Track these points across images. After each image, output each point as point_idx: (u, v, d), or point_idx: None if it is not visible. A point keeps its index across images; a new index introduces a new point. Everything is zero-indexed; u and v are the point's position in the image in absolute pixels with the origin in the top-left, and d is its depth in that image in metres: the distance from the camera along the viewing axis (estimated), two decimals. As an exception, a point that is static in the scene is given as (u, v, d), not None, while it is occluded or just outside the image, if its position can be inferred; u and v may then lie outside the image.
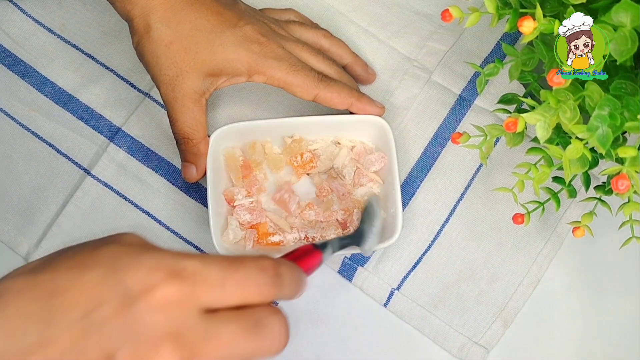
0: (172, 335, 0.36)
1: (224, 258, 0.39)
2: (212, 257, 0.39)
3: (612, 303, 0.65)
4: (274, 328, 0.40)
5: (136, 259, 0.38)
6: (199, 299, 0.37)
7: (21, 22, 0.69)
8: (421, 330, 0.65)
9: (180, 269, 0.37)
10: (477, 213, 0.66)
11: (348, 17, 0.70)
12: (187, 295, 0.37)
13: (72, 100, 0.68)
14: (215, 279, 0.38)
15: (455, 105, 0.68)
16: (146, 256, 0.38)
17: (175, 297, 0.37)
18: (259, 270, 0.40)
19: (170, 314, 0.37)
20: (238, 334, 0.38)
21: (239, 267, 0.39)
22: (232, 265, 0.39)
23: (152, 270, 0.37)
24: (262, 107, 0.68)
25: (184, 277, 0.37)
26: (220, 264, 0.39)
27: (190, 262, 0.38)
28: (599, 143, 0.46)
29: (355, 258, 0.65)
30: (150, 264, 0.37)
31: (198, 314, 0.37)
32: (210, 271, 0.38)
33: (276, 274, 0.40)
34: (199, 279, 0.38)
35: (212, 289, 0.38)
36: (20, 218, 0.66)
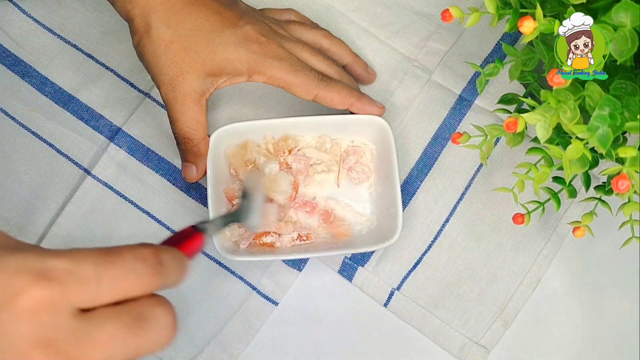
0: (43, 343, 0.34)
1: (98, 251, 0.36)
2: (85, 251, 0.36)
3: (612, 303, 0.65)
4: (159, 320, 0.37)
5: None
6: (72, 300, 0.35)
7: (21, 22, 0.69)
8: (421, 330, 0.65)
9: (47, 269, 0.34)
10: (477, 213, 0.66)
11: (348, 17, 0.70)
12: (57, 297, 0.34)
13: (72, 100, 0.68)
14: (89, 275, 0.35)
15: (455, 105, 0.68)
16: (8, 259, 0.35)
17: (43, 300, 0.34)
18: (138, 260, 0.37)
19: (39, 320, 0.34)
20: (118, 331, 0.35)
21: (116, 260, 0.36)
22: (108, 258, 0.36)
23: (14, 275, 0.34)
24: (262, 107, 0.68)
25: (51, 278, 0.34)
26: (94, 258, 0.36)
27: (59, 260, 0.35)
28: (599, 143, 0.46)
29: (356, 258, 0.65)
30: (12, 267, 0.34)
31: (71, 315, 0.35)
32: (82, 268, 0.35)
33: (157, 261, 0.38)
34: (70, 278, 0.35)
35: (86, 287, 0.35)
36: (20, 218, 0.66)
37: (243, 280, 0.65)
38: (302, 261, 0.65)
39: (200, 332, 0.64)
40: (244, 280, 0.65)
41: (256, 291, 0.65)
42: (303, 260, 0.65)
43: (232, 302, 0.65)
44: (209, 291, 0.65)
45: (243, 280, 0.65)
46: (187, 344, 0.64)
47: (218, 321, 0.64)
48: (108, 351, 0.35)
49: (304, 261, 0.65)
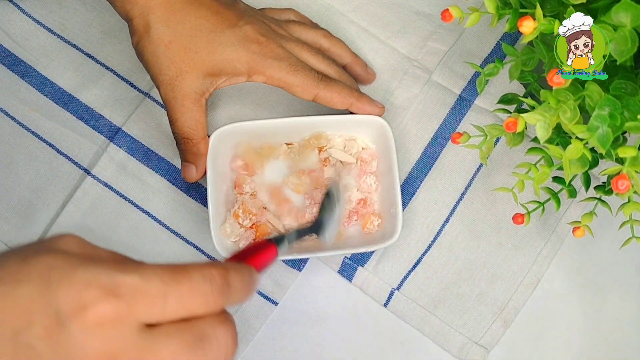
0: (108, 355, 0.35)
1: (167, 269, 0.37)
2: (154, 268, 0.37)
3: (612, 303, 0.65)
4: (220, 340, 0.38)
5: (69, 274, 0.35)
6: (137, 316, 0.36)
7: (21, 22, 0.69)
8: (421, 330, 0.65)
9: (116, 285, 0.35)
10: (477, 213, 0.66)
11: (348, 17, 0.70)
12: (124, 313, 0.35)
13: (72, 100, 0.68)
14: (156, 293, 0.36)
15: (455, 105, 0.68)
16: (80, 271, 0.36)
17: (110, 316, 0.35)
18: (205, 280, 0.38)
19: (105, 334, 0.35)
20: (180, 349, 0.36)
21: (183, 279, 0.37)
22: (176, 276, 0.37)
23: (85, 288, 0.35)
24: (262, 107, 0.68)
25: (120, 294, 0.35)
26: (162, 276, 0.37)
27: (128, 277, 0.36)
28: (599, 143, 0.46)
29: (356, 258, 0.65)
30: (83, 280, 0.35)
31: (136, 331, 0.36)
32: (150, 285, 0.36)
33: (224, 282, 0.38)
34: (138, 294, 0.36)
35: (152, 304, 0.36)
36: (20, 218, 0.66)
37: (243, 280, 0.65)
38: (302, 261, 0.65)
39: (200, 332, 0.64)
40: (244, 280, 0.65)
41: (256, 291, 0.65)
42: (303, 260, 0.65)
43: (232, 302, 0.65)
44: (209, 291, 0.65)
45: (243, 280, 0.65)
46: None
47: (218, 321, 0.64)
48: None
49: (304, 261, 0.65)
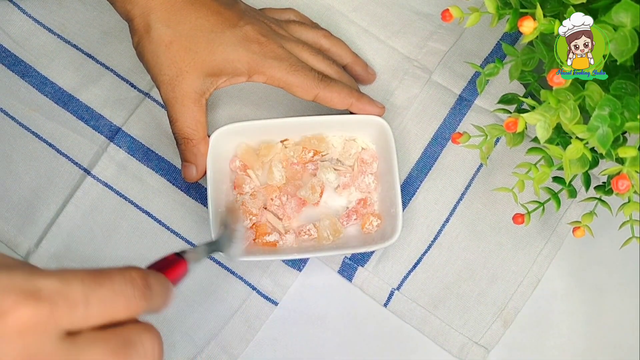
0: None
1: (87, 272, 0.36)
2: (74, 272, 0.36)
3: (612, 303, 0.65)
4: (145, 346, 0.37)
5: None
6: (59, 322, 0.34)
7: (21, 22, 0.69)
8: (421, 330, 0.65)
9: (36, 289, 0.34)
10: (477, 213, 0.66)
11: (348, 17, 0.70)
12: (44, 318, 0.34)
13: (72, 100, 0.68)
14: (78, 296, 0.35)
15: (455, 105, 0.68)
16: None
17: (30, 321, 0.34)
18: (127, 282, 0.37)
19: (25, 342, 0.34)
20: (105, 357, 0.35)
21: (104, 282, 0.36)
22: (97, 279, 0.36)
23: (1, 294, 0.34)
24: (262, 107, 0.68)
25: (39, 298, 0.34)
26: (83, 279, 0.35)
27: (48, 281, 0.34)
28: (599, 143, 0.46)
29: (356, 258, 0.65)
30: (0, 287, 0.34)
31: (58, 338, 0.34)
32: (71, 288, 0.35)
33: (145, 285, 0.37)
34: (58, 298, 0.34)
35: (74, 308, 0.35)
36: (20, 218, 0.66)
37: (243, 280, 0.65)
38: (302, 261, 0.65)
39: (200, 332, 0.64)
40: (243, 280, 0.65)
41: (256, 291, 0.65)
42: (303, 260, 0.65)
43: (232, 302, 0.65)
44: (209, 291, 0.65)
45: (243, 280, 0.65)
46: (187, 344, 0.64)
47: (218, 321, 0.64)
48: None
49: (304, 261, 0.65)
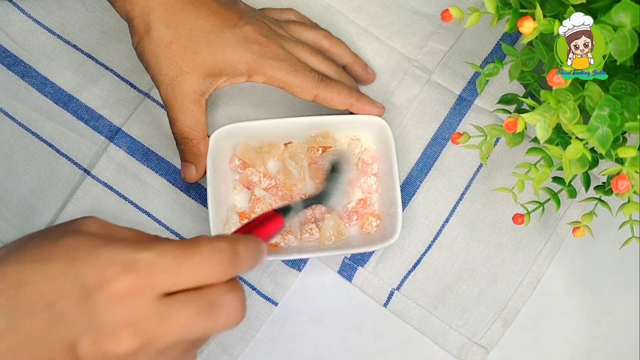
0: (130, 323, 0.40)
1: (179, 244, 0.42)
2: (167, 244, 0.41)
3: (612, 303, 0.65)
4: (230, 306, 0.43)
5: (93, 253, 0.41)
6: (155, 287, 0.40)
7: (21, 22, 0.69)
8: (421, 330, 0.65)
9: (134, 261, 0.40)
10: (477, 213, 0.66)
11: (348, 17, 0.70)
12: (142, 285, 0.40)
13: (72, 100, 0.68)
14: (170, 267, 0.41)
15: (455, 105, 0.68)
16: (102, 250, 0.41)
17: (131, 288, 0.40)
18: (214, 253, 0.42)
19: (127, 304, 0.40)
20: (194, 314, 0.41)
21: (194, 253, 0.41)
22: (187, 251, 0.41)
23: (108, 265, 0.40)
24: (262, 107, 0.68)
25: (138, 269, 0.40)
26: (175, 251, 0.41)
27: (145, 254, 0.41)
28: (599, 143, 0.46)
29: (356, 258, 0.65)
30: (106, 258, 0.40)
31: (155, 300, 0.40)
32: (164, 261, 0.41)
33: (232, 253, 0.42)
34: (153, 269, 0.40)
35: (167, 277, 0.41)
36: (20, 218, 0.66)
37: (243, 280, 0.65)
38: (302, 261, 0.65)
39: (200, 332, 0.64)
40: (243, 280, 0.65)
41: (256, 291, 0.65)
42: (303, 260, 0.65)
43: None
44: (209, 291, 0.65)
45: (243, 281, 0.65)
46: (187, 344, 0.64)
47: (218, 321, 0.64)
48: (183, 331, 0.41)
49: (304, 261, 0.65)
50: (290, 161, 0.64)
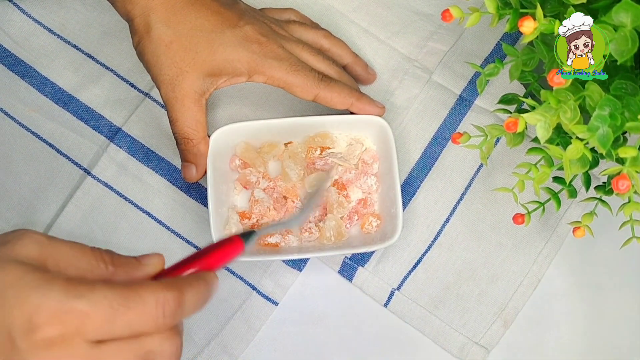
0: None
1: (120, 291, 0.39)
2: (106, 290, 0.39)
3: (612, 303, 0.65)
4: (165, 354, 0.40)
5: (22, 296, 0.38)
6: (86, 335, 0.38)
7: (21, 22, 0.69)
8: (421, 330, 0.65)
9: (65, 311, 0.38)
10: (477, 213, 0.66)
11: (348, 17, 0.70)
12: (72, 334, 0.38)
13: (72, 100, 0.68)
14: (105, 317, 0.38)
15: (455, 105, 0.68)
16: (32, 293, 0.38)
17: (59, 336, 0.38)
18: (158, 305, 0.39)
19: (55, 352, 0.38)
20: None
21: (133, 304, 0.39)
22: (126, 301, 0.39)
23: (36, 312, 0.38)
24: (262, 107, 0.68)
25: (66, 320, 0.38)
26: (112, 300, 0.38)
27: (79, 302, 0.38)
28: (600, 143, 0.46)
29: (356, 258, 0.65)
30: (35, 304, 0.38)
31: (85, 347, 0.38)
32: (99, 310, 0.38)
33: (177, 304, 0.40)
34: (86, 319, 0.38)
35: (100, 326, 0.38)
36: (20, 218, 0.66)
37: (243, 280, 0.65)
38: (302, 261, 0.65)
39: (200, 332, 0.64)
40: (244, 280, 0.65)
41: (256, 291, 0.65)
42: (303, 260, 0.65)
43: (232, 302, 0.65)
44: (209, 291, 0.65)
45: (243, 280, 0.65)
46: (187, 344, 0.64)
47: (218, 321, 0.64)
48: None
49: (304, 261, 0.65)
50: (289, 162, 0.64)
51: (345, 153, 0.65)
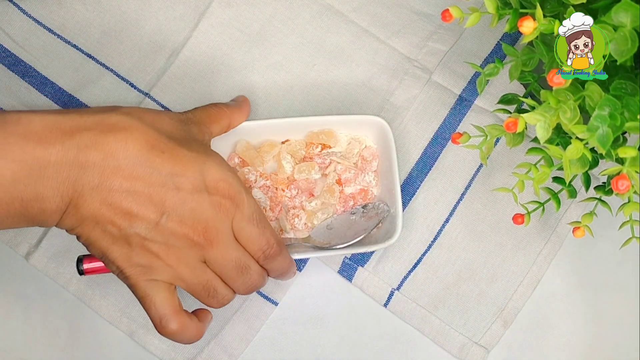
0: (201, 225, 0.52)
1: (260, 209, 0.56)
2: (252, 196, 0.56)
3: (612, 303, 0.65)
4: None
5: (214, 164, 0.53)
6: (234, 216, 0.54)
7: (21, 22, 0.69)
8: (421, 330, 0.65)
9: (238, 191, 0.54)
10: (477, 213, 0.66)
11: (348, 17, 0.70)
12: (231, 209, 0.53)
13: (72, 100, 0.68)
14: (252, 208, 0.55)
15: (455, 105, 0.68)
16: (222, 167, 0.54)
17: (225, 205, 0.53)
18: (270, 241, 0.56)
19: (215, 213, 0.53)
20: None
21: (266, 224, 0.56)
22: (264, 220, 0.56)
23: (220, 181, 0.53)
24: (262, 107, 0.68)
25: (236, 199, 0.53)
26: (257, 208, 0.55)
27: (245, 192, 0.54)
28: (599, 143, 0.46)
29: (356, 258, 0.65)
30: (221, 176, 0.53)
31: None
32: (252, 201, 0.55)
33: (278, 253, 0.57)
34: (241, 205, 0.54)
35: (242, 216, 0.55)
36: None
37: (243, 280, 0.65)
38: (302, 261, 0.65)
39: (200, 332, 0.64)
40: (244, 280, 0.65)
41: (256, 291, 0.65)
42: (303, 260, 0.65)
43: (232, 302, 0.65)
44: (209, 291, 0.65)
45: (243, 280, 0.65)
46: (187, 344, 0.64)
47: (218, 321, 0.64)
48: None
49: (304, 261, 0.65)
50: (286, 155, 0.64)
51: (345, 151, 0.65)
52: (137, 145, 0.51)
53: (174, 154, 0.52)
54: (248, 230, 0.54)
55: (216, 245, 0.53)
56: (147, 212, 0.51)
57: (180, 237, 0.52)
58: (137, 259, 0.52)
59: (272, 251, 0.56)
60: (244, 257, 0.55)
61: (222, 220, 0.53)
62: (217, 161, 0.54)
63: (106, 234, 0.51)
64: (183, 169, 0.52)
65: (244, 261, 0.55)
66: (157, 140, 0.52)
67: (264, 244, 0.55)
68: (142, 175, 0.51)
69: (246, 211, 0.54)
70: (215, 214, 0.53)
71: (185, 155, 0.53)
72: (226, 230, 0.53)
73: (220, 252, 0.53)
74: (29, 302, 0.64)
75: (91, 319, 0.64)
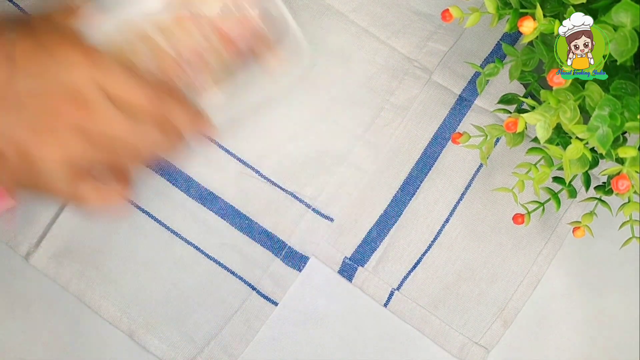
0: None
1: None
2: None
3: (612, 303, 0.65)
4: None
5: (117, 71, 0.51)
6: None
7: (21, 22, 0.69)
8: (421, 330, 0.65)
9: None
10: (477, 213, 0.66)
11: (348, 17, 0.70)
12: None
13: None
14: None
15: (455, 105, 0.68)
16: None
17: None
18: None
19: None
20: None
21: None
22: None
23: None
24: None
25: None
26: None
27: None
28: (599, 143, 0.46)
29: (355, 258, 0.65)
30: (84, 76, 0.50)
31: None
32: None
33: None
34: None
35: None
36: (20, 218, 0.66)
37: (243, 280, 0.65)
38: (302, 261, 0.65)
39: (200, 332, 0.64)
40: (243, 280, 0.65)
41: (256, 291, 0.65)
42: (303, 260, 0.65)
43: (232, 302, 0.65)
44: (209, 291, 0.65)
45: (243, 281, 0.65)
46: (187, 344, 0.64)
47: (218, 321, 0.64)
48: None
49: (304, 261, 0.65)
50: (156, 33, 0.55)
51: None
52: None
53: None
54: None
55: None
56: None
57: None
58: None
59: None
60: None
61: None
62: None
63: None
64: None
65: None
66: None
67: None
68: None
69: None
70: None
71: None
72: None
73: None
74: (29, 302, 0.64)
75: (91, 319, 0.64)
